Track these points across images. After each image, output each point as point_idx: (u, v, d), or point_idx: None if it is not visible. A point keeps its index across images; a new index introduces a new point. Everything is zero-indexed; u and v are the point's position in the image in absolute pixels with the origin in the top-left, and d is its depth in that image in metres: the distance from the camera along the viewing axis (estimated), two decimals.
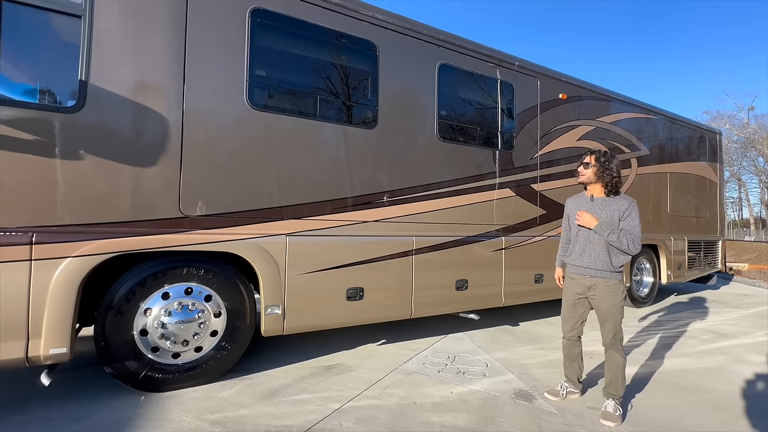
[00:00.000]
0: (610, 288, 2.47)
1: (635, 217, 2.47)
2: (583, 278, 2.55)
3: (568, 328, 2.70)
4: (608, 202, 2.54)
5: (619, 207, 2.50)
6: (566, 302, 2.70)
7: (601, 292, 2.49)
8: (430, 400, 2.71)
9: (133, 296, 2.64)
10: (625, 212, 2.47)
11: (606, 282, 2.48)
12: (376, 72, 3.63)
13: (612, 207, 2.51)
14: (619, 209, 2.49)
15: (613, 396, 2.50)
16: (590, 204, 2.59)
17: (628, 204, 2.50)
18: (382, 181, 3.61)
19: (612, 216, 2.48)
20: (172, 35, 2.77)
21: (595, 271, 2.50)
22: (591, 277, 2.51)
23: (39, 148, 2.36)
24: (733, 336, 4.55)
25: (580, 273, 2.57)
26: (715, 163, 7.57)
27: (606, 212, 2.51)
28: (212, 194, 2.86)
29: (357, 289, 3.40)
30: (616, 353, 2.50)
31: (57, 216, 2.41)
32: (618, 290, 2.49)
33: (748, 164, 38.17)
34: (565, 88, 5.10)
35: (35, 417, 2.36)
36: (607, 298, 2.48)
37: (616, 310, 2.47)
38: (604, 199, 2.56)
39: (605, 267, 2.48)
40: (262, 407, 2.56)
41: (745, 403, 2.78)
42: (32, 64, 2.46)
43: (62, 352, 2.37)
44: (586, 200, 2.64)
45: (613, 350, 2.51)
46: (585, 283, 2.54)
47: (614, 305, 2.47)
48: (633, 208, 2.48)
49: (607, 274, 2.48)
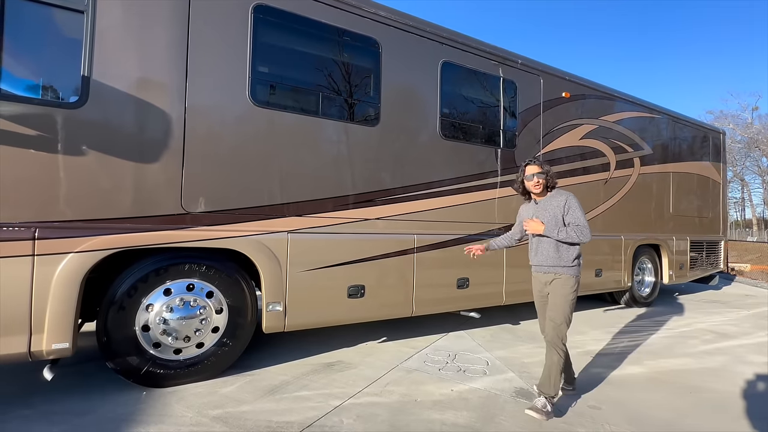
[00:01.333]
0: (560, 281, 2.57)
1: (576, 208, 2.58)
2: (541, 275, 2.68)
3: (543, 325, 2.73)
4: (548, 200, 2.68)
5: (558, 203, 2.62)
6: (537, 304, 2.78)
7: (553, 285, 2.60)
8: (430, 397, 2.72)
9: (135, 292, 2.65)
10: (565, 207, 2.59)
11: (558, 275, 2.58)
12: (378, 69, 3.62)
13: (552, 204, 2.64)
14: (559, 205, 2.61)
15: (544, 394, 2.49)
16: (536, 207, 2.72)
17: (565, 199, 2.62)
18: (384, 179, 3.61)
19: (555, 212, 2.61)
20: (174, 31, 2.76)
21: (548, 267, 2.62)
22: (545, 273, 2.64)
23: (42, 143, 2.37)
24: (734, 336, 4.54)
25: (538, 270, 2.71)
26: (718, 163, 7.53)
27: (548, 210, 2.63)
28: (214, 191, 2.87)
29: (358, 287, 3.40)
30: (554, 350, 2.52)
31: (59, 211, 2.42)
32: (568, 283, 2.55)
33: (751, 164, 37.97)
34: (568, 86, 5.07)
35: (38, 411, 2.37)
36: (556, 290, 2.58)
37: (561, 301, 2.53)
38: (544, 199, 2.71)
39: (556, 262, 2.59)
40: (263, 403, 2.57)
41: (746, 404, 2.77)
42: (35, 59, 2.47)
43: (65, 347, 2.38)
44: (532, 206, 2.77)
45: (551, 346, 2.53)
46: (542, 280, 2.68)
47: (561, 296, 2.54)
48: (571, 201, 2.60)
49: (559, 269, 2.58)
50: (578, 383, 2.92)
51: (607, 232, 5.43)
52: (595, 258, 5.28)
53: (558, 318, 2.52)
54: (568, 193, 2.66)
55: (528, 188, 2.71)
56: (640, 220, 5.95)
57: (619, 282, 5.59)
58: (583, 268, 4.83)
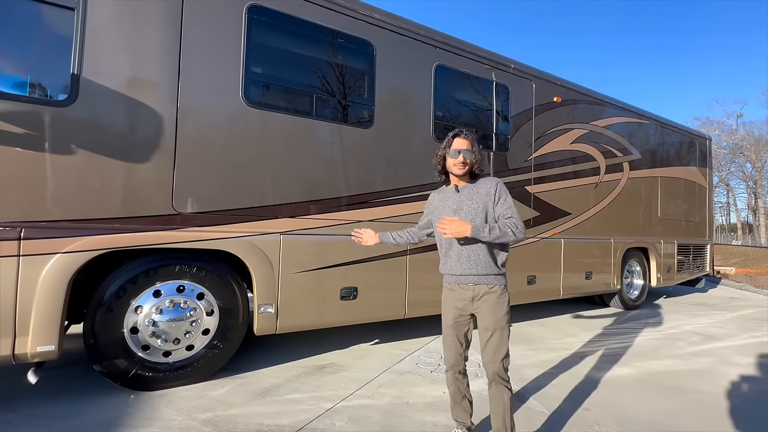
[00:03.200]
0: (494, 296, 1.96)
1: (507, 197, 2.00)
2: (465, 288, 1.99)
3: (453, 356, 2.07)
4: (474, 187, 2.05)
5: (487, 190, 2.01)
6: (446, 322, 2.07)
7: (485, 302, 1.96)
8: (422, 399, 2.72)
9: (124, 293, 2.61)
10: (495, 195, 1.99)
11: (490, 287, 1.96)
12: (372, 72, 3.63)
13: (480, 192, 2.02)
14: (489, 192, 2.00)
15: None
16: (457, 196, 2.06)
17: (495, 184, 2.02)
18: (378, 181, 3.61)
19: (484, 202, 1.99)
20: (167, 30, 2.74)
21: (477, 277, 1.97)
22: (474, 285, 1.97)
23: (29, 141, 2.32)
24: (720, 338, 4.63)
25: (461, 282, 2.00)
26: (704, 168, 7.70)
27: (475, 200, 2.00)
28: (206, 191, 2.84)
29: (351, 289, 3.39)
30: (503, 386, 1.94)
31: (46, 211, 2.37)
32: (503, 299, 1.97)
33: (736, 170, 38.86)
34: (559, 91, 5.15)
35: (22, 415, 2.32)
36: (490, 308, 1.95)
37: (502, 324, 1.94)
38: (469, 186, 2.06)
39: (489, 270, 1.97)
40: (253, 406, 2.54)
41: (731, 404, 2.83)
42: (24, 56, 2.42)
43: (50, 350, 2.33)
44: (452, 193, 2.09)
45: (498, 383, 1.94)
46: (467, 295, 1.99)
47: (500, 317, 1.95)
48: (502, 188, 2.02)
49: (491, 279, 1.97)
50: (569, 384, 2.94)
51: (597, 235, 5.51)
52: (586, 261, 5.35)
53: (502, 347, 1.93)
54: (496, 179, 2.06)
55: (448, 167, 2.06)
56: (629, 223, 6.05)
57: (609, 284, 5.67)
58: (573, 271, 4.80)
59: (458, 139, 2.06)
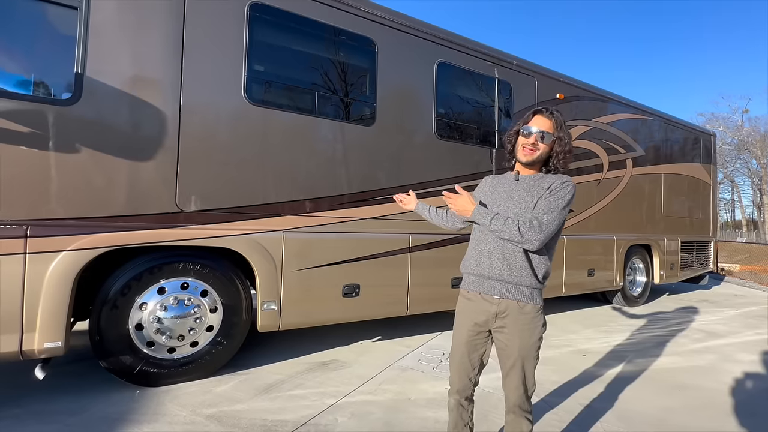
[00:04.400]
0: (526, 318, 1.54)
1: (558, 199, 1.51)
2: (490, 300, 1.58)
3: (460, 380, 1.68)
4: (538, 180, 1.60)
5: (548, 185, 1.55)
6: (459, 339, 1.68)
7: (514, 321, 1.55)
8: (424, 396, 2.73)
9: (129, 291, 2.63)
10: (548, 191, 1.53)
11: (522, 306, 1.54)
12: (374, 69, 3.62)
13: (542, 186, 1.57)
14: (544, 188, 1.55)
15: None
16: (514, 184, 1.63)
17: (559, 182, 1.54)
18: (380, 179, 3.62)
19: (535, 197, 1.55)
20: (170, 28, 2.74)
21: (508, 287, 1.54)
22: (501, 298, 1.55)
23: (34, 140, 2.34)
24: (723, 335, 4.62)
25: (485, 290, 1.58)
26: (708, 165, 7.64)
27: (531, 194, 1.57)
28: (209, 189, 2.85)
29: (353, 286, 3.41)
30: (522, 419, 1.62)
31: (52, 209, 2.39)
32: (537, 323, 1.55)
33: (741, 166, 38.61)
34: (562, 88, 5.12)
35: (29, 410, 2.35)
36: (520, 332, 1.54)
37: (532, 353, 1.57)
38: (533, 177, 1.62)
39: (524, 280, 1.53)
40: (257, 402, 2.56)
41: (734, 401, 2.83)
42: (27, 55, 2.44)
43: (57, 346, 2.36)
44: (509, 180, 1.67)
45: (518, 414, 1.61)
46: (490, 309, 1.58)
47: (530, 344, 1.55)
48: (560, 188, 1.53)
49: (525, 294, 1.54)
50: (570, 381, 2.95)
51: (599, 233, 5.50)
52: (588, 258, 5.34)
53: (529, 378, 1.59)
54: (569, 181, 1.57)
55: (516, 149, 1.64)
56: (632, 220, 6.03)
57: (611, 281, 5.65)
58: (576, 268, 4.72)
59: (539, 117, 1.59)
